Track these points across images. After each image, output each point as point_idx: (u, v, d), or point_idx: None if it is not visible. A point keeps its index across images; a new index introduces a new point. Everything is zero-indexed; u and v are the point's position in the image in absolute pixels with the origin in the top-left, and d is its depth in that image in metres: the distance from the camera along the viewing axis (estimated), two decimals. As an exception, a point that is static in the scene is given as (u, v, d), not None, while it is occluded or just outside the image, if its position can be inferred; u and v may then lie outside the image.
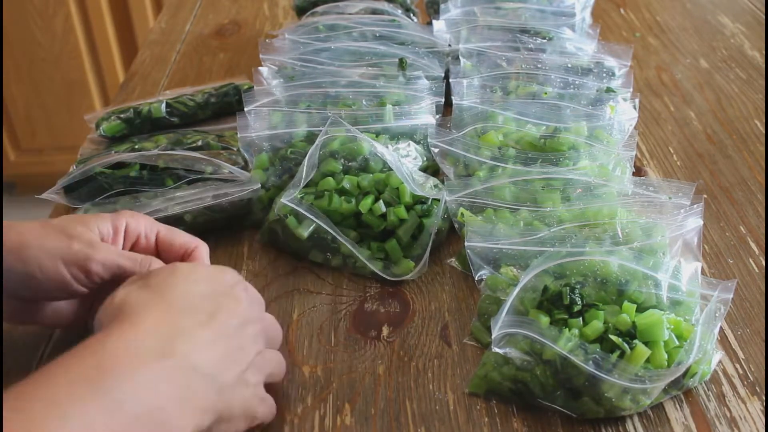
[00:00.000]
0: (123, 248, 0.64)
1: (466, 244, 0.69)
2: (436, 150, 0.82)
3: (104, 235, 0.63)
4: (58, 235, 0.60)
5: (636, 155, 0.84)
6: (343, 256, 0.75)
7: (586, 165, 0.77)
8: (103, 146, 0.93)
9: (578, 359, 0.57)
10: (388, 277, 0.74)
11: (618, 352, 0.58)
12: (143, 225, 0.66)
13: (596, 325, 0.60)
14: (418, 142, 0.85)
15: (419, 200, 0.76)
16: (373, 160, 0.79)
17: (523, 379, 0.60)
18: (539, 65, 0.94)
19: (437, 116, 0.88)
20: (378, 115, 0.84)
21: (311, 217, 0.74)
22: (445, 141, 0.82)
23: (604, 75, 0.93)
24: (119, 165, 0.82)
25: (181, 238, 0.67)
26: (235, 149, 0.86)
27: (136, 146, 0.90)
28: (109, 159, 0.82)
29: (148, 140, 0.91)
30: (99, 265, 0.60)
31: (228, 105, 1.00)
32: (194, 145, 0.86)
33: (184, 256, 0.66)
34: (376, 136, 0.82)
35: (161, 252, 0.66)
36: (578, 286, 0.62)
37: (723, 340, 0.66)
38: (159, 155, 0.82)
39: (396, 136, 0.84)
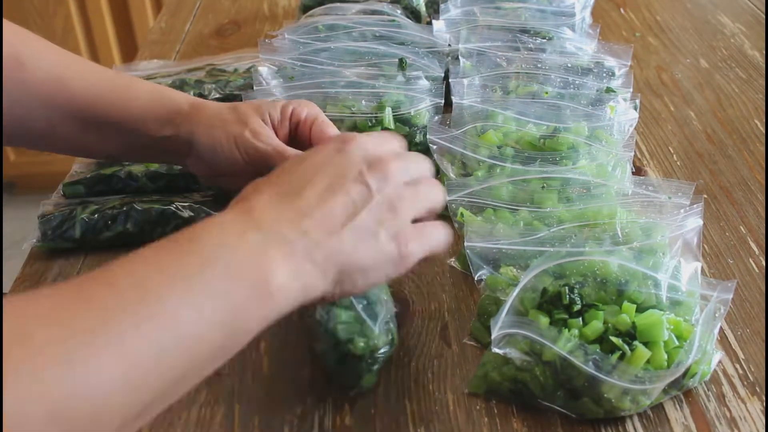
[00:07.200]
0: (288, 131, 0.75)
1: (465, 244, 0.69)
2: (435, 147, 0.82)
3: (274, 121, 0.74)
4: (238, 121, 0.73)
5: (636, 155, 0.84)
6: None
7: (585, 165, 0.77)
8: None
9: (578, 360, 0.57)
10: None
11: (618, 353, 0.58)
12: (305, 112, 0.75)
13: (596, 326, 0.59)
14: (416, 145, 0.85)
15: None
16: None
17: (522, 379, 0.60)
18: (539, 65, 0.94)
19: (436, 117, 0.88)
20: (377, 118, 0.84)
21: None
22: (444, 138, 0.82)
23: (604, 75, 0.93)
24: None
25: (330, 131, 0.74)
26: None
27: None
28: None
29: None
30: (257, 150, 0.72)
31: None
32: None
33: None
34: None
35: (312, 137, 0.74)
36: (578, 286, 0.62)
37: (723, 340, 0.66)
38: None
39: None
